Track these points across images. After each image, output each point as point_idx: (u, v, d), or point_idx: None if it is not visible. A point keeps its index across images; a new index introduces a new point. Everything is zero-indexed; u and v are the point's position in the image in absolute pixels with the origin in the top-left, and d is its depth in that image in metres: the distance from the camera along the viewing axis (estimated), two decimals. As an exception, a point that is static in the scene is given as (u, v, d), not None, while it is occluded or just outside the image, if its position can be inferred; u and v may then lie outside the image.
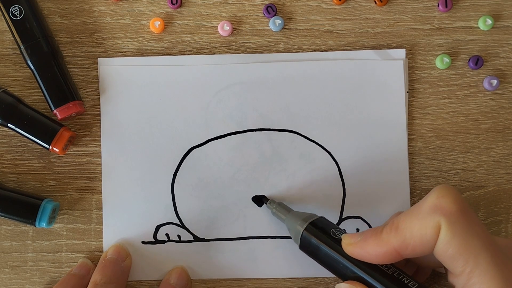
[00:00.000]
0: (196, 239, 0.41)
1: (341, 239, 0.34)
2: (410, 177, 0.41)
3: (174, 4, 0.41)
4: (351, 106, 0.41)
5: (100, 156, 0.41)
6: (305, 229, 0.36)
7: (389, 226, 0.31)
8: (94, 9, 0.42)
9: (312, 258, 0.36)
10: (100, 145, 0.41)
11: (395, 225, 0.31)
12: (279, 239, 0.40)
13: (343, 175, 0.41)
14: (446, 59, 0.41)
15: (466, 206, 0.30)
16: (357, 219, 0.41)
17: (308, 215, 0.37)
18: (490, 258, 0.28)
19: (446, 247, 0.29)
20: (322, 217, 0.37)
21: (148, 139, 0.41)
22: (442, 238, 0.29)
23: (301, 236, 0.36)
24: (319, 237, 0.35)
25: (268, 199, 0.40)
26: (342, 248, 0.34)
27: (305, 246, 0.36)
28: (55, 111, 0.40)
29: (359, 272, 0.33)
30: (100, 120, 0.41)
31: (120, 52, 0.42)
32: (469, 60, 0.41)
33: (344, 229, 0.36)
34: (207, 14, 0.42)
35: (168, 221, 0.41)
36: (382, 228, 0.32)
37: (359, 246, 0.33)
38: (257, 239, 0.41)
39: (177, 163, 0.41)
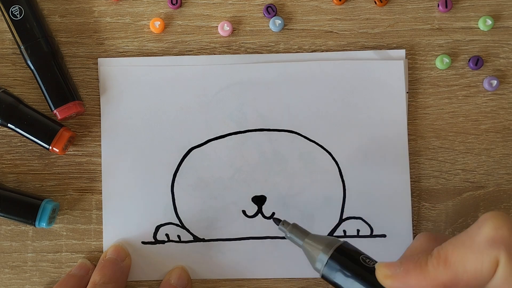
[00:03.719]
0: (196, 239, 0.41)
1: (373, 268, 0.31)
2: (410, 178, 0.41)
3: (174, 4, 0.41)
4: (351, 107, 0.41)
5: (100, 156, 0.41)
6: (331, 257, 0.32)
7: (435, 259, 0.28)
8: (94, 9, 0.42)
9: None
10: (100, 145, 0.41)
11: (442, 258, 0.28)
12: (279, 239, 0.40)
13: (343, 175, 0.41)
14: (446, 60, 0.41)
15: None
16: (358, 220, 0.40)
17: (330, 240, 0.33)
18: None
19: (504, 283, 0.27)
20: (346, 241, 0.33)
21: (148, 139, 0.41)
22: (500, 275, 0.27)
23: (325, 264, 0.32)
24: (349, 266, 0.32)
25: (280, 220, 0.36)
26: (376, 279, 0.30)
27: (329, 276, 0.32)
28: (55, 111, 0.40)
29: None
30: (100, 120, 0.41)
31: (120, 52, 0.42)
32: (469, 61, 0.41)
33: (372, 258, 0.33)
34: (207, 14, 0.42)
35: (168, 221, 0.41)
36: (426, 260, 0.29)
37: (399, 280, 0.29)
38: (257, 239, 0.40)
39: (177, 163, 0.41)
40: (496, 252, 0.27)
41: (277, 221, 0.36)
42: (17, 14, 0.39)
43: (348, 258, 0.32)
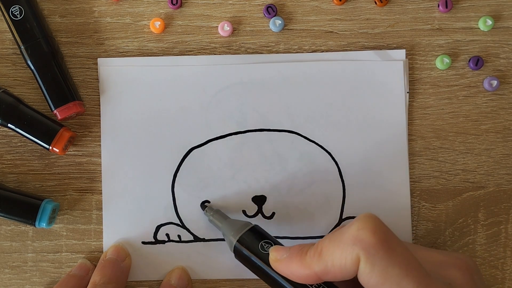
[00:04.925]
0: (196, 239, 0.41)
1: (268, 253, 0.34)
2: (410, 178, 0.41)
3: (174, 5, 0.41)
4: (351, 107, 0.41)
5: (100, 156, 0.41)
6: (238, 240, 0.36)
7: (313, 250, 0.32)
8: (94, 9, 0.42)
9: (248, 268, 0.36)
10: (100, 145, 0.41)
11: (318, 250, 0.31)
12: (279, 239, 0.40)
13: (343, 176, 0.41)
14: (446, 60, 0.41)
15: (387, 236, 0.30)
16: (357, 220, 0.40)
17: (242, 225, 0.37)
18: (413, 285, 0.29)
19: (367, 278, 0.30)
20: (255, 226, 0.37)
21: (148, 139, 0.41)
22: (362, 270, 0.30)
23: (234, 247, 0.36)
24: (250, 249, 0.35)
25: (206, 206, 0.40)
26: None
27: (238, 257, 0.36)
28: (55, 111, 0.40)
29: (289, 287, 0.33)
30: (100, 120, 0.41)
31: (120, 53, 0.42)
32: (469, 61, 0.41)
33: (276, 240, 0.36)
34: (207, 15, 0.42)
35: (168, 221, 0.41)
36: (307, 250, 0.32)
37: (284, 264, 0.33)
38: (257, 240, 0.41)
39: (177, 163, 0.41)
40: (357, 250, 0.30)
41: (203, 206, 0.40)
42: (17, 14, 0.39)
43: (251, 243, 0.36)
